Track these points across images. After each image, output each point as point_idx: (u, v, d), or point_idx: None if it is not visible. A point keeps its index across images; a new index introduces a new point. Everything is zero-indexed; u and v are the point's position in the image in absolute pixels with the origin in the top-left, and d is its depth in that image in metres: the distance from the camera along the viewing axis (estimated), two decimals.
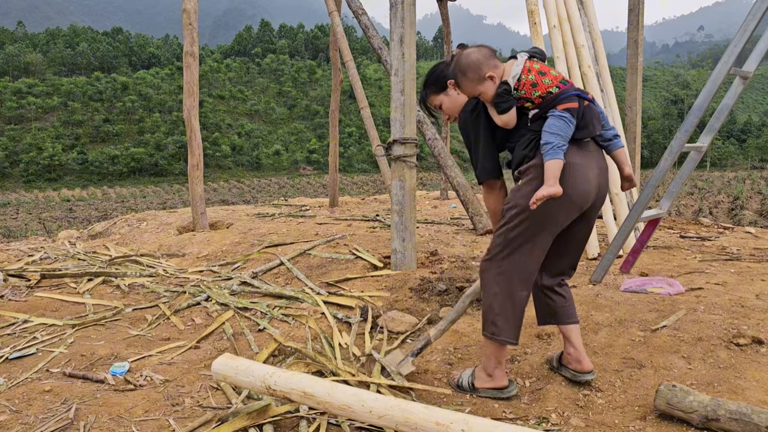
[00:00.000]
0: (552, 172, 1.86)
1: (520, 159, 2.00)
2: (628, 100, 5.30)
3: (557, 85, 1.94)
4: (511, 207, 2.00)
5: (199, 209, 6.17)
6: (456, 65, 2.01)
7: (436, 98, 2.21)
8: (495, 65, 1.97)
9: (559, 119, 1.90)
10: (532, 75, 1.93)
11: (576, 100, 1.94)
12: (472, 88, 1.99)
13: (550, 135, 1.89)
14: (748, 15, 2.92)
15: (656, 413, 1.89)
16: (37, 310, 3.41)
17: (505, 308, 2.03)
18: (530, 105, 1.97)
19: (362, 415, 1.59)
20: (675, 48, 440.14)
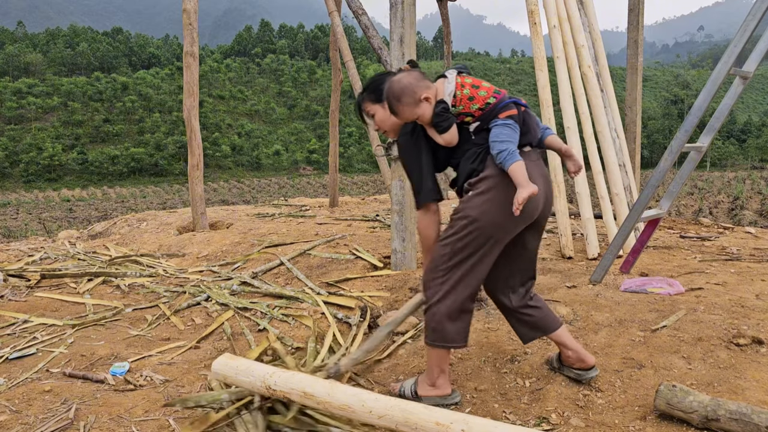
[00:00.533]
0: (520, 175, 1.86)
1: (469, 173, 2.00)
2: (628, 100, 5.30)
3: (492, 95, 1.97)
4: (461, 217, 1.98)
5: (199, 209, 6.17)
6: (389, 93, 1.96)
7: (372, 107, 2.15)
8: (428, 86, 1.95)
9: (505, 127, 1.93)
10: (467, 89, 1.95)
11: (514, 107, 1.98)
12: (410, 112, 1.95)
13: (501, 143, 1.90)
14: (748, 15, 2.93)
15: (656, 413, 1.89)
16: (37, 310, 3.41)
17: (452, 317, 2.01)
18: (470, 119, 1.98)
19: (362, 415, 1.59)
20: (675, 48, 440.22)
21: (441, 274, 2.01)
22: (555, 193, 4.18)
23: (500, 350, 2.50)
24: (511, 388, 2.21)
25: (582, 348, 2.18)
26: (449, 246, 1.99)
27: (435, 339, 2.04)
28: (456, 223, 1.99)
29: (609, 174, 4.24)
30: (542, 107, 4.23)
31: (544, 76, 4.20)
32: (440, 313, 2.01)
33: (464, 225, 1.96)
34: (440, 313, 2.01)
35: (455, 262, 1.99)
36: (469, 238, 1.96)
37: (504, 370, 2.34)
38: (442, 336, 2.03)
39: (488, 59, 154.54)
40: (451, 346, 2.05)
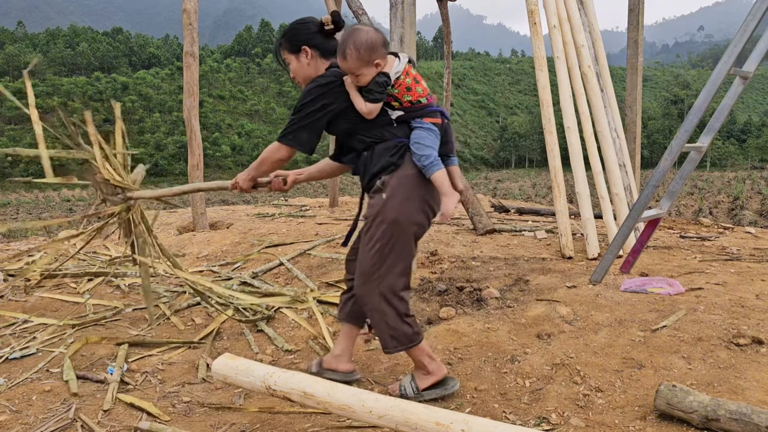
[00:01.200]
0: (445, 184, 1.94)
1: (385, 165, 2.00)
2: (628, 100, 5.30)
3: (426, 97, 2.00)
4: (381, 222, 1.98)
5: (199, 209, 6.17)
6: (353, 38, 1.91)
7: (288, 56, 2.12)
8: (385, 55, 1.96)
9: (430, 132, 1.98)
10: (409, 79, 1.98)
11: (440, 117, 2.02)
12: (356, 66, 1.92)
13: (426, 148, 1.95)
14: (748, 15, 2.93)
15: (656, 413, 1.89)
16: (37, 310, 3.41)
17: (397, 321, 2.04)
18: (397, 105, 2.00)
19: (362, 414, 1.59)
20: (675, 48, 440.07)
21: (377, 283, 2.01)
22: (555, 193, 4.18)
23: (500, 350, 2.50)
24: (511, 388, 2.21)
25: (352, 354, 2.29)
26: (377, 254, 2.00)
27: (401, 344, 2.07)
28: (378, 229, 1.99)
29: (609, 174, 4.24)
30: (542, 107, 4.23)
31: (544, 76, 4.20)
32: (392, 318, 2.03)
33: (386, 229, 1.98)
34: (392, 318, 2.03)
35: (386, 268, 2.00)
36: (393, 242, 1.99)
37: (504, 370, 2.34)
38: (406, 337, 2.06)
39: (488, 59, 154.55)
40: (416, 343, 2.08)
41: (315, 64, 2.09)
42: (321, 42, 2.09)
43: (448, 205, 1.93)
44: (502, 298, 3.11)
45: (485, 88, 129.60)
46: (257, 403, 2.22)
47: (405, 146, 2.00)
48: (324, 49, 2.09)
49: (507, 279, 3.42)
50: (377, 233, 1.99)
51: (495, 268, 3.70)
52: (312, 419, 2.08)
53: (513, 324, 2.74)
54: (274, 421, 2.08)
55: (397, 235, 1.98)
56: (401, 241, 2.00)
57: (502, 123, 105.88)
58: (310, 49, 2.07)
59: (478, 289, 3.23)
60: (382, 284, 2.01)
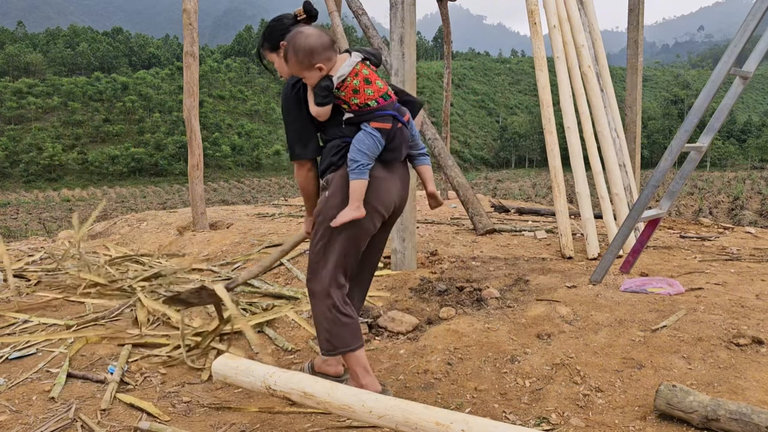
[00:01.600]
0: (357, 194, 1.92)
1: (327, 165, 2.02)
2: (628, 100, 5.30)
3: (377, 99, 1.95)
4: (323, 221, 2.01)
5: (199, 209, 6.17)
6: (292, 42, 1.91)
7: (269, 55, 2.14)
8: (329, 57, 1.93)
9: (370, 137, 1.93)
10: (357, 80, 1.93)
11: (390, 121, 1.98)
12: (297, 70, 1.93)
13: (358, 152, 1.92)
14: (748, 15, 2.93)
15: (656, 413, 1.89)
16: (37, 310, 3.41)
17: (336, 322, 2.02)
18: (346, 107, 1.98)
19: (362, 415, 1.59)
20: (675, 48, 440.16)
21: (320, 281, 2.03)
22: (555, 193, 4.18)
23: (500, 350, 2.50)
24: (511, 388, 2.21)
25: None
26: (321, 252, 2.03)
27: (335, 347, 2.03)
28: (320, 227, 2.03)
29: (609, 174, 4.24)
30: (542, 107, 4.23)
31: (544, 76, 4.20)
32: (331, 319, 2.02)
33: (327, 227, 1.99)
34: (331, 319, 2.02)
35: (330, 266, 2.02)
36: (334, 241, 2.00)
37: (504, 370, 2.34)
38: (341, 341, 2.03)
39: (488, 59, 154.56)
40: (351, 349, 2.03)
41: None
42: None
43: (344, 213, 1.93)
44: (502, 298, 3.11)
45: (485, 88, 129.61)
46: (257, 403, 2.22)
47: (346, 147, 1.99)
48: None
49: (507, 279, 3.42)
50: (319, 231, 2.03)
51: (495, 268, 3.70)
52: (312, 419, 2.08)
53: (513, 324, 2.74)
54: (274, 421, 2.08)
55: (336, 234, 2.00)
56: (344, 241, 2.01)
57: (502, 123, 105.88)
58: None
59: (478, 289, 3.23)
60: (325, 282, 2.02)
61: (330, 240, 2.01)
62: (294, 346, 2.84)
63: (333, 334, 2.02)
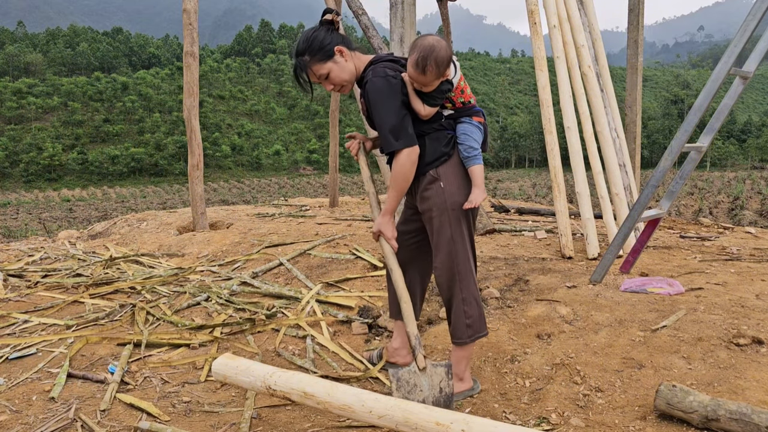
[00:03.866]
0: (481, 177, 2.11)
1: (439, 155, 2.10)
2: (628, 100, 5.30)
3: (472, 98, 2.18)
4: (445, 209, 2.09)
5: (199, 209, 6.17)
6: (434, 54, 1.94)
7: (323, 67, 2.08)
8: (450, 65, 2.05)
9: (478, 129, 2.15)
10: (463, 82, 2.13)
11: (483, 117, 2.19)
12: (431, 79, 1.99)
13: (474, 141, 2.11)
14: (748, 15, 2.93)
15: (656, 413, 1.89)
16: (37, 310, 3.41)
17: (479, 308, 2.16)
18: (450, 106, 2.14)
19: (362, 415, 1.59)
20: (675, 48, 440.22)
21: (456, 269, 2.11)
22: (555, 193, 4.18)
23: (500, 350, 2.50)
24: (511, 388, 2.21)
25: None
26: (451, 240, 2.10)
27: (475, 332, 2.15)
28: (445, 217, 2.09)
29: (609, 174, 4.24)
30: (542, 107, 4.23)
31: (545, 76, 4.20)
32: (468, 309, 2.13)
33: (453, 215, 2.09)
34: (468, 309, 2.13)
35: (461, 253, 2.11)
36: (461, 225, 2.11)
37: (504, 370, 2.34)
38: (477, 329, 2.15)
39: (488, 59, 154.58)
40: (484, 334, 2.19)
41: (352, 58, 2.14)
42: (342, 38, 2.14)
43: (477, 195, 2.08)
44: (502, 298, 3.11)
45: (485, 88, 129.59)
46: (257, 402, 2.22)
47: (454, 138, 2.13)
48: (347, 43, 2.15)
49: (507, 279, 3.42)
50: (445, 222, 2.10)
51: (495, 268, 3.70)
52: (312, 419, 2.08)
53: (513, 324, 2.74)
54: (274, 421, 2.08)
55: (460, 218, 2.10)
56: (465, 223, 2.13)
57: (502, 123, 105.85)
58: (342, 47, 2.11)
59: (478, 289, 3.23)
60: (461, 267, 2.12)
61: (458, 227, 2.10)
62: (294, 346, 2.83)
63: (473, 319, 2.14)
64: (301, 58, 2.09)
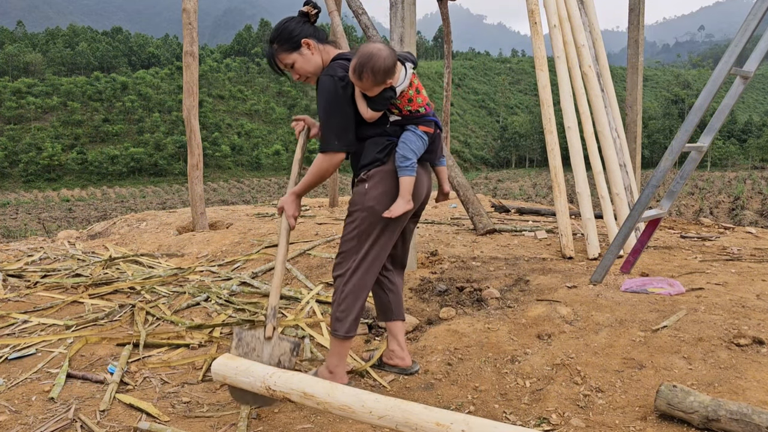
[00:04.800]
0: (408, 188, 2.06)
1: (371, 160, 2.09)
2: (629, 100, 5.30)
3: (424, 106, 2.11)
4: (361, 209, 2.09)
5: (198, 209, 6.17)
6: (371, 63, 1.93)
7: (288, 57, 2.13)
8: (395, 72, 2.01)
9: (420, 139, 2.10)
10: (412, 90, 2.08)
11: (433, 126, 2.15)
12: (368, 86, 1.97)
13: (410, 151, 2.06)
14: (748, 15, 2.92)
15: (657, 414, 1.88)
16: (36, 310, 3.41)
17: (355, 306, 2.15)
18: (396, 112, 2.10)
19: (362, 415, 1.58)
20: (676, 48, 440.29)
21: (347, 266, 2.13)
22: (555, 193, 4.18)
23: (500, 350, 2.50)
24: (511, 389, 2.21)
25: (407, 349, 2.42)
26: (355, 239, 2.11)
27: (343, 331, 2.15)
28: (358, 215, 2.10)
29: (609, 174, 4.24)
30: (543, 107, 4.22)
31: (545, 76, 4.19)
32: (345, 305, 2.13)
33: (366, 217, 2.08)
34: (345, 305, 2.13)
35: (363, 253, 2.11)
36: (372, 229, 2.09)
37: (504, 370, 2.34)
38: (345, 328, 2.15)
39: (488, 59, 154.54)
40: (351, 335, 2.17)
41: (320, 52, 2.15)
42: (313, 31, 2.15)
43: (398, 206, 2.05)
44: (503, 298, 3.11)
45: (485, 87, 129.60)
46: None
47: (393, 145, 2.10)
48: (318, 36, 2.15)
49: (507, 279, 3.42)
50: (357, 219, 2.11)
51: (495, 268, 3.70)
52: (312, 419, 2.08)
53: (513, 324, 2.73)
54: (273, 421, 2.08)
55: (374, 223, 2.09)
56: (381, 230, 2.11)
57: (502, 123, 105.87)
58: (310, 40, 2.12)
59: (479, 289, 3.23)
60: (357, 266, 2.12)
61: (367, 230, 2.10)
62: None
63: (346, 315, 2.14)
64: (271, 45, 2.16)
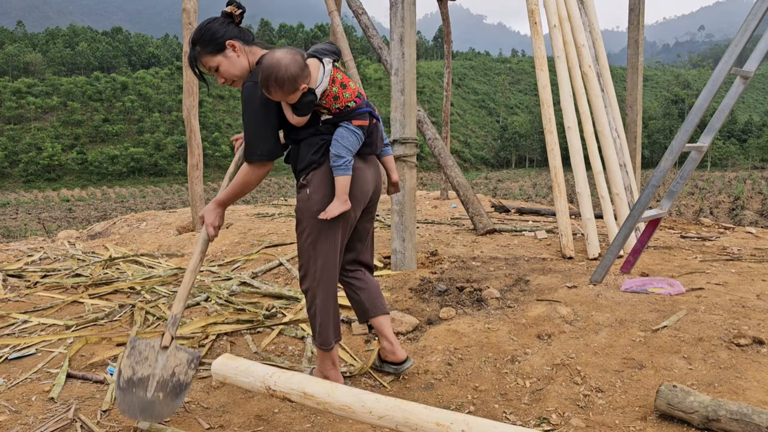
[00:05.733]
0: (344, 188, 2.00)
1: (308, 163, 2.05)
2: (629, 100, 5.30)
3: (354, 99, 2.04)
4: (309, 216, 2.07)
5: (198, 209, 6.16)
6: (273, 75, 1.87)
7: (213, 59, 2.03)
8: (307, 74, 1.94)
9: (353, 135, 2.04)
10: (335, 87, 2.00)
11: (368, 118, 2.09)
12: (280, 97, 1.92)
13: (343, 149, 2.00)
14: (748, 15, 2.92)
15: (657, 414, 1.88)
16: (36, 310, 3.41)
17: (329, 315, 2.13)
18: (326, 112, 2.04)
19: (362, 415, 1.58)
20: (676, 48, 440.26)
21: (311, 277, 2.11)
22: (555, 193, 4.18)
23: (500, 350, 2.50)
24: (511, 389, 2.21)
25: (397, 343, 2.36)
26: (310, 247, 2.08)
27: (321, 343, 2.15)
28: (308, 222, 2.07)
29: (609, 174, 4.24)
30: (543, 107, 4.22)
31: (545, 76, 4.19)
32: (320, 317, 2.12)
33: (314, 223, 2.05)
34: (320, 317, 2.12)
35: (321, 259, 2.09)
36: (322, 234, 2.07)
37: (504, 370, 2.34)
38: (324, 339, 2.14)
39: (488, 59, 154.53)
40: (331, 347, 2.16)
41: (245, 54, 2.06)
42: (238, 32, 2.06)
43: (333, 207, 2.00)
44: (503, 298, 3.11)
45: (485, 87, 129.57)
46: (257, 403, 2.22)
47: (328, 144, 2.04)
48: (244, 38, 2.07)
49: (507, 279, 3.42)
50: (306, 228, 2.08)
51: (495, 268, 3.70)
52: (312, 419, 2.08)
53: (513, 324, 2.73)
54: (274, 421, 2.07)
55: (323, 227, 2.06)
56: (330, 232, 2.08)
57: (502, 123, 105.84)
58: (235, 41, 2.04)
59: (479, 289, 3.23)
60: (317, 276, 2.11)
61: (318, 235, 2.07)
62: (293, 346, 2.83)
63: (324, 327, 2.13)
64: (193, 48, 2.07)
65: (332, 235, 2.08)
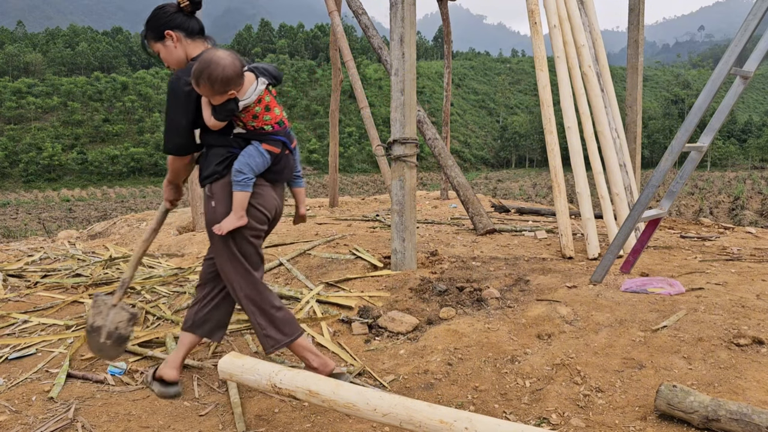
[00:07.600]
0: (241, 204, 2.02)
1: (211, 172, 2.07)
2: (629, 100, 5.30)
3: (273, 125, 2.07)
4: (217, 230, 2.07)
5: (198, 209, 6.17)
6: (207, 71, 1.89)
7: (154, 45, 2.11)
8: (240, 84, 1.96)
9: (261, 156, 2.05)
10: (259, 107, 2.02)
11: (280, 147, 2.10)
12: (206, 93, 1.94)
13: (246, 166, 2.01)
14: (748, 15, 2.93)
15: (657, 414, 1.88)
16: (36, 310, 3.41)
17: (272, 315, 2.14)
18: (241, 125, 2.05)
19: (366, 412, 1.58)
20: (675, 48, 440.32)
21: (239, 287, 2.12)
22: (555, 193, 4.18)
23: (500, 350, 2.50)
24: (511, 389, 2.21)
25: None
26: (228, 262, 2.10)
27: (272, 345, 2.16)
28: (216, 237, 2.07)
29: (609, 174, 4.24)
30: (543, 107, 4.23)
31: (545, 76, 4.20)
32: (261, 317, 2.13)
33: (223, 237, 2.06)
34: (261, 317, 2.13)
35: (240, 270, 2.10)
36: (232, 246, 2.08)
37: (504, 370, 2.34)
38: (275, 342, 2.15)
39: (488, 59, 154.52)
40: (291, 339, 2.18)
41: (183, 46, 2.08)
42: (182, 22, 2.07)
43: (227, 221, 2.01)
44: (503, 298, 3.11)
45: (485, 87, 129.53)
46: (257, 403, 2.22)
47: (234, 158, 2.05)
48: (188, 30, 2.08)
49: (507, 279, 3.42)
50: (218, 242, 2.09)
51: (495, 268, 3.70)
52: (312, 419, 2.08)
53: (513, 324, 2.74)
54: (274, 420, 2.08)
55: (235, 238, 2.07)
56: (245, 243, 2.10)
57: (502, 123, 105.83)
58: (174, 32, 2.06)
59: (479, 289, 3.23)
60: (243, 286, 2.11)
61: (233, 248, 2.09)
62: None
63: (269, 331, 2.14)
64: (144, 30, 2.13)
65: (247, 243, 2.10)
